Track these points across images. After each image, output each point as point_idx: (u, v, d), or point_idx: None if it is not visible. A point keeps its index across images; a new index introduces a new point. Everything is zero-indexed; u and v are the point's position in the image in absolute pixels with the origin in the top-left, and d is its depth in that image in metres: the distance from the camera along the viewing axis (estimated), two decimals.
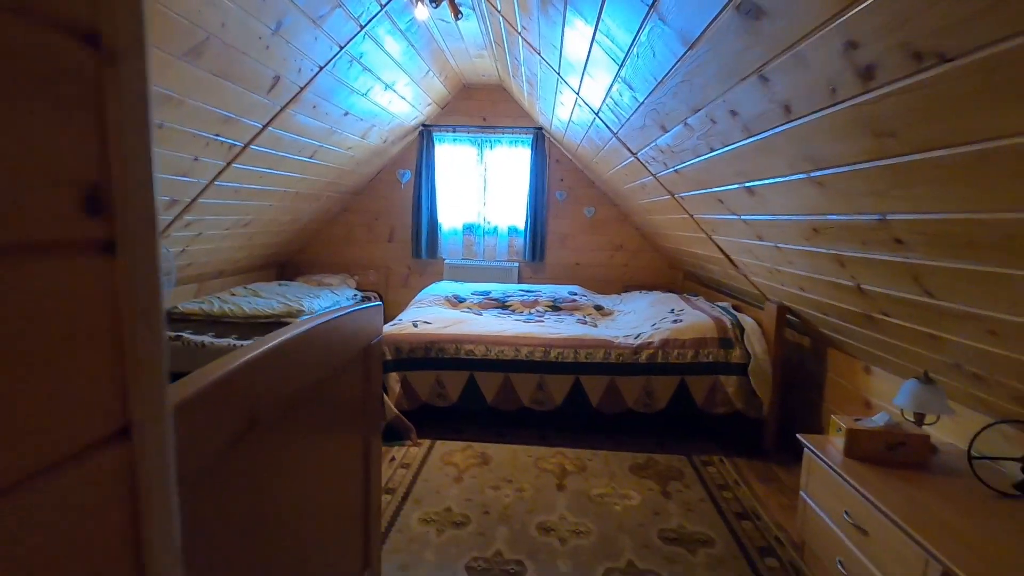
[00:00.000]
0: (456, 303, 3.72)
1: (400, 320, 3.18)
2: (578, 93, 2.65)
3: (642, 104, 2.02)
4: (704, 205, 2.41)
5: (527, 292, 3.93)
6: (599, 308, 3.72)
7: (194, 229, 3.04)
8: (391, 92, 3.45)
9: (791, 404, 2.81)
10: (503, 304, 3.73)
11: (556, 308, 3.68)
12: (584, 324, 3.33)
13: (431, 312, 3.39)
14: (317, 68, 2.55)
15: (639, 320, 3.29)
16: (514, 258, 4.82)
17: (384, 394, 2.71)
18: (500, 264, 4.80)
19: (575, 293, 4.01)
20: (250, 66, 2.18)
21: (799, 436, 1.83)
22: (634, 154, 2.69)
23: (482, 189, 4.75)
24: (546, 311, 3.63)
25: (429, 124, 4.59)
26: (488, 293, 3.87)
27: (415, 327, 3.00)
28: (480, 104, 4.62)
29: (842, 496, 1.58)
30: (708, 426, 2.89)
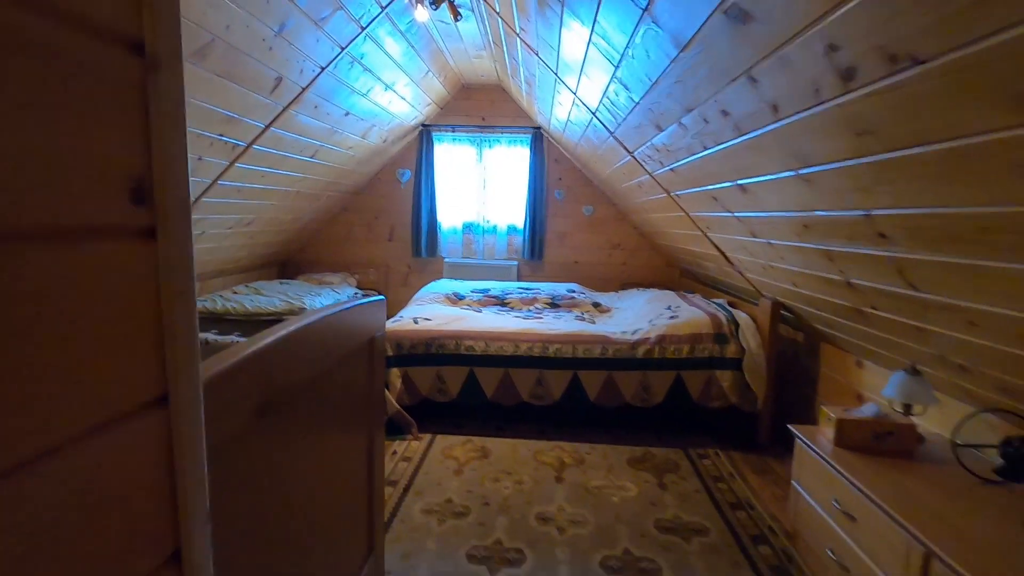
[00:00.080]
0: (456, 300, 3.76)
1: (401, 317, 3.22)
2: (576, 93, 2.69)
3: (638, 104, 2.07)
4: (699, 203, 2.46)
5: (526, 290, 3.97)
6: (597, 305, 3.76)
7: (197, 228, 3.08)
8: (391, 92, 3.50)
9: (785, 398, 2.86)
10: (502, 301, 3.78)
11: (555, 305, 3.72)
12: (582, 321, 3.38)
13: (431, 309, 3.44)
14: (319, 69, 2.60)
15: (636, 317, 3.33)
16: (513, 256, 4.86)
17: (385, 389, 2.76)
18: (499, 262, 4.84)
19: (573, 291, 4.05)
20: (253, 67, 2.23)
21: (790, 427, 1.88)
22: (631, 153, 2.74)
23: (481, 188, 4.80)
24: (545, 308, 3.68)
25: (429, 124, 4.63)
26: (487, 291, 3.92)
27: (416, 324, 3.04)
28: (479, 104, 4.67)
29: (832, 484, 1.63)
30: (704, 420, 2.94)
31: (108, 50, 0.37)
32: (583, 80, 2.41)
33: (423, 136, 4.63)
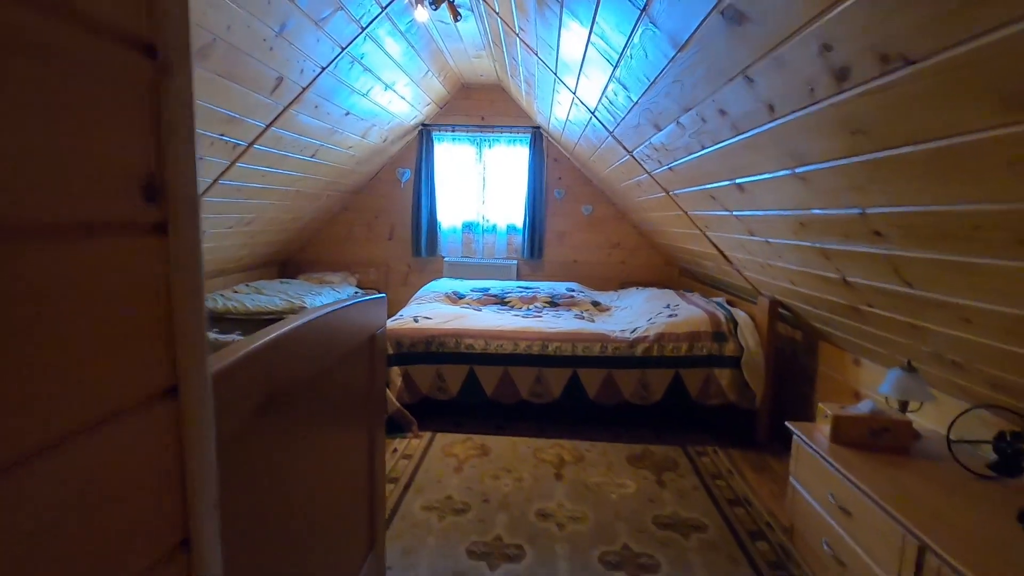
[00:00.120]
0: (456, 299, 3.78)
1: (401, 316, 3.24)
2: (575, 93, 2.71)
3: (636, 104, 2.08)
4: (697, 201, 2.48)
5: (526, 289, 3.99)
6: (596, 304, 3.78)
7: None
8: (391, 92, 3.51)
9: (783, 396, 2.88)
10: (502, 300, 3.79)
11: (554, 304, 3.74)
12: (581, 319, 3.39)
13: (431, 308, 3.45)
14: (319, 69, 2.61)
15: (635, 315, 3.35)
16: (513, 255, 4.88)
17: (386, 388, 2.77)
18: (499, 261, 4.86)
19: (573, 289, 4.07)
20: (254, 67, 2.24)
21: (788, 424, 1.90)
22: (629, 152, 2.75)
23: (481, 187, 4.81)
24: (544, 307, 3.69)
25: (428, 123, 4.65)
26: (487, 290, 3.93)
27: (416, 322, 3.06)
28: (479, 103, 4.68)
29: (828, 480, 1.65)
30: (702, 418, 2.95)
31: (123, 54, 0.38)
32: (582, 80, 2.43)
33: (423, 136, 4.64)
